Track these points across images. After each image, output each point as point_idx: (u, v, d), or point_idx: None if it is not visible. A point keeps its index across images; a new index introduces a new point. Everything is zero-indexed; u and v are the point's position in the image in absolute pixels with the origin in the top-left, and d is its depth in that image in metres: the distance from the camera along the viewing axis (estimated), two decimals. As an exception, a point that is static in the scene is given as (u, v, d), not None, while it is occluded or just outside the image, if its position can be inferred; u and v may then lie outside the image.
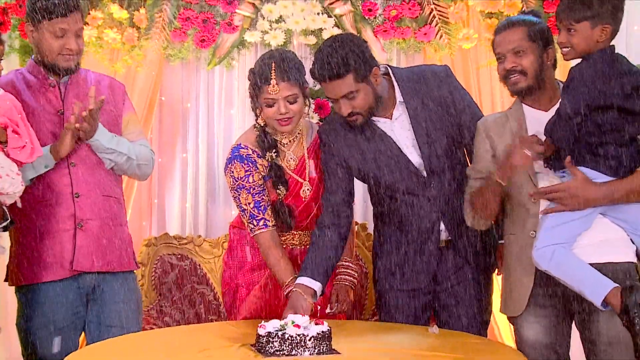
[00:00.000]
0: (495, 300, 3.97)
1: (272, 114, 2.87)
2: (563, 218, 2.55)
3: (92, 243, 2.89)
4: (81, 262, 2.87)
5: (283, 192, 2.93)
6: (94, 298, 2.94)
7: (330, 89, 2.75)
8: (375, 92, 2.79)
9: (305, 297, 2.73)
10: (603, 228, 2.59)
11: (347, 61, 2.70)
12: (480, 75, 4.10)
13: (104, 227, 2.92)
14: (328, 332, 2.38)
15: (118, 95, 3.06)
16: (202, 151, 4.28)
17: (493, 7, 3.99)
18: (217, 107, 4.28)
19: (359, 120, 2.81)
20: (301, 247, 3.02)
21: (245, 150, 2.95)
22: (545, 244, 2.56)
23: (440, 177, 2.88)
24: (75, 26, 2.85)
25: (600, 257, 2.57)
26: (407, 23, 4.06)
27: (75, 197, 2.87)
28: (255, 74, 2.90)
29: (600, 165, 2.52)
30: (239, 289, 3.03)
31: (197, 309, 3.94)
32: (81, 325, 2.95)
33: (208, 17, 4.04)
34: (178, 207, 4.29)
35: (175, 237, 4.04)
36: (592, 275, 2.51)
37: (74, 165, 2.88)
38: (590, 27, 2.50)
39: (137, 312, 3.04)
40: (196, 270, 3.99)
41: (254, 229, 2.93)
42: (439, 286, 2.94)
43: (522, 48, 2.66)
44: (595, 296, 2.47)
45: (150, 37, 4.02)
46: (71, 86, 2.93)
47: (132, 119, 3.10)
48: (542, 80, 2.69)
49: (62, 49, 2.83)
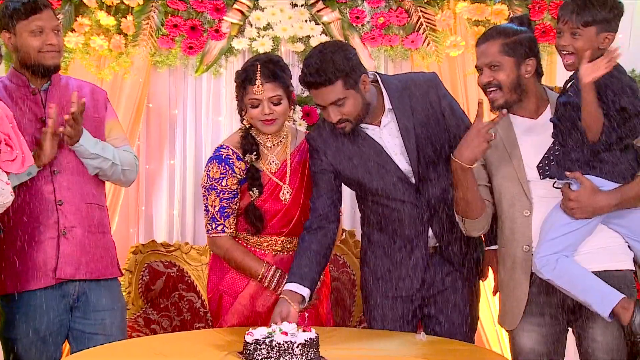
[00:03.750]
0: (483, 308, 4.00)
1: (257, 115, 2.90)
2: (567, 228, 2.54)
3: (75, 251, 2.87)
4: (65, 270, 2.85)
5: (256, 194, 2.93)
6: (77, 306, 2.92)
7: (319, 96, 2.76)
8: (364, 99, 2.79)
9: (291, 304, 2.72)
10: (602, 235, 2.59)
11: (336, 68, 2.70)
12: (468, 82, 4.12)
13: (87, 235, 2.91)
14: (316, 339, 2.37)
15: (100, 102, 3.05)
16: (189, 158, 4.27)
17: (480, 15, 4.01)
18: (205, 114, 4.27)
19: (348, 127, 2.81)
20: (284, 254, 3.01)
21: (226, 150, 2.97)
22: (548, 252, 2.55)
23: (429, 184, 2.88)
24: (51, 22, 2.84)
25: (599, 264, 2.57)
26: (394, 30, 4.08)
27: (59, 204, 2.85)
28: (241, 75, 2.94)
29: (606, 173, 2.52)
30: (224, 296, 3.02)
31: (185, 316, 3.92)
32: (65, 333, 2.93)
33: (196, 24, 4.04)
34: (165, 214, 4.28)
35: (162, 244, 4.02)
36: (598, 286, 2.49)
37: (57, 173, 2.86)
38: (596, 33, 2.48)
39: (121, 320, 3.02)
40: (183, 277, 3.97)
41: (210, 231, 2.97)
42: (427, 292, 2.94)
43: (497, 62, 2.64)
44: (603, 307, 2.45)
45: (138, 44, 4.02)
46: (52, 93, 2.91)
47: (115, 126, 3.08)
48: (523, 91, 2.67)
49: (43, 46, 2.82)
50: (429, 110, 2.87)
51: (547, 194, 2.62)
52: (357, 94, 2.76)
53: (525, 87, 2.67)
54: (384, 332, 2.86)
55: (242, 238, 3.01)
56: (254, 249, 2.99)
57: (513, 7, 4.01)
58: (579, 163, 2.52)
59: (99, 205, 2.98)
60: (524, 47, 2.65)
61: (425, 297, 2.95)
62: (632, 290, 2.60)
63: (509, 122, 2.74)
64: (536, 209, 2.66)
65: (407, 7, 4.08)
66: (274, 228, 2.99)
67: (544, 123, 2.63)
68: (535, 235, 2.65)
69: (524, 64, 2.64)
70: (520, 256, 2.69)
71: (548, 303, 2.67)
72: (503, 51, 2.63)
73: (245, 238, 3.01)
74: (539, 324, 2.70)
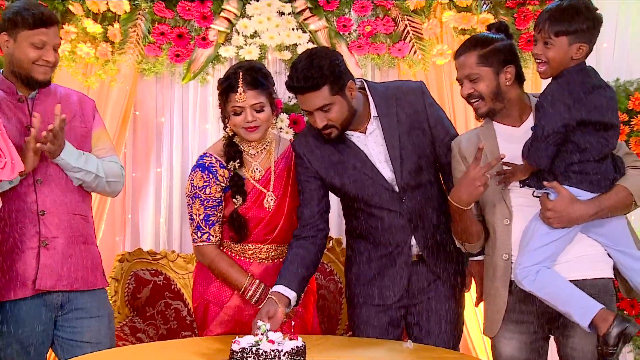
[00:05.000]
0: (468, 316, 4.01)
1: (239, 122, 2.91)
2: (546, 238, 2.55)
3: (56, 262, 2.84)
4: (44, 281, 2.81)
5: (239, 202, 2.93)
6: (62, 314, 2.89)
7: (305, 101, 2.76)
8: (350, 106, 2.80)
9: (278, 304, 2.72)
10: (582, 244, 2.60)
11: (323, 73, 2.71)
12: (454, 90, 4.13)
13: (70, 246, 2.88)
14: (302, 348, 2.37)
15: (88, 111, 3.03)
16: (176, 166, 4.26)
17: (466, 24, 4.03)
18: (192, 121, 4.27)
19: (334, 134, 2.82)
20: (269, 262, 3.00)
21: (209, 159, 2.98)
22: (529, 264, 2.55)
23: (413, 192, 2.88)
24: (54, 39, 2.83)
25: (579, 273, 2.58)
26: (381, 39, 4.09)
27: (41, 214, 2.82)
28: (223, 83, 2.94)
29: (582, 182, 2.53)
30: (209, 305, 3.01)
31: (171, 324, 3.91)
32: (49, 342, 2.90)
33: (183, 32, 4.04)
34: (152, 222, 4.27)
35: (148, 253, 4.01)
36: (578, 297, 2.50)
37: (40, 182, 2.83)
38: (567, 43, 2.51)
39: (108, 327, 2.99)
40: (170, 285, 3.96)
41: (196, 240, 2.97)
42: (410, 301, 2.94)
43: (476, 74, 2.65)
44: (582, 318, 2.46)
45: (125, 52, 4.01)
46: (39, 100, 2.89)
47: (103, 135, 3.06)
48: (506, 99, 2.68)
49: (38, 59, 2.80)
50: (414, 118, 2.88)
51: (528, 203, 2.63)
52: (344, 100, 2.77)
53: (506, 95, 2.68)
54: (370, 340, 2.86)
55: (227, 246, 3.01)
56: (238, 257, 2.99)
57: (499, 16, 4.04)
58: (555, 173, 2.54)
59: (83, 216, 2.95)
60: (501, 55, 2.65)
61: (408, 305, 2.95)
62: (612, 298, 2.62)
63: (492, 131, 2.75)
64: (517, 217, 2.67)
65: (394, 15, 4.09)
66: (259, 236, 2.98)
67: (526, 131, 2.64)
68: (515, 244, 2.66)
69: (502, 72, 2.65)
70: (501, 265, 2.70)
71: (528, 311, 2.68)
72: (480, 62, 2.65)
73: (229, 246, 3.00)
74: (520, 331, 2.71)
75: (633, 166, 2.61)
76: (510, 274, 2.67)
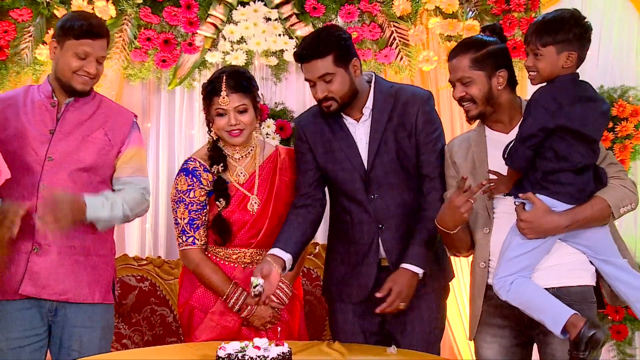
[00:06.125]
0: (453, 319, 4.02)
1: (223, 125, 2.93)
2: (522, 248, 2.54)
3: (44, 270, 2.81)
4: (28, 287, 2.79)
5: (222, 205, 2.94)
6: (55, 320, 2.87)
7: (310, 69, 2.83)
8: (352, 82, 2.86)
9: (273, 265, 2.76)
10: (560, 252, 2.59)
11: (329, 43, 2.80)
12: (440, 97, 4.15)
13: (64, 256, 2.83)
14: (288, 354, 2.37)
15: (122, 126, 2.97)
16: (162, 172, 4.25)
17: (452, 31, 4.05)
18: (178, 127, 4.26)
19: (333, 107, 2.87)
20: (253, 267, 2.97)
21: (193, 163, 2.99)
22: (505, 274, 2.55)
23: (383, 191, 2.91)
24: (99, 52, 2.86)
25: (557, 280, 2.58)
26: (367, 45, 4.10)
27: (38, 220, 2.81)
28: (207, 87, 2.97)
29: (558, 193, 2.51)
30: (194, 311, 3.01)
31: (157, 331, 3.89)
32: (43, 347, 2.88)
33: (169, 38, 4.03)
34: (138, 228, 4.25)
35: (134, 259, 3.99)
36: (551, 304, 2.49)
37: (45, 188, 2.80)
38: (555, 53, 2.51)
39: (100, 339, 2.92)
40: (156, 291, 3.94)
41: (181, 244, 2.97)
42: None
43: (468, 77, 2.67)
44: (554, 325, 2.45)
45: (110, 57, 4.00)
46: (73, 107, 2.91)
47: (137, 154, 3.00)
48: (497, 103, 2.69)
49: (79, 69, 2.83)
50: (404, 123, 2.90)
51: (511, 212, 2.60)
52: (346, 75, 2.84)
53: (497, 99, 2.68)
54: (356, 346, 2.86)
55: (212, 251, 3.01)
56: (222, 261, 2.98)
57: (485, 22, 4.06)
58: (531, 183, 2.53)
59: (85, 227, 2.85)
60: (494, 59, 2.67)
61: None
62: (591, 306, 2.60)
63: (483, 137, 2.76)
64: (498, 226, 2.68)
65: (380, 22, 4.11)
66: (243, 239, 2.98)
67: (514, 137, 2.63)
68: (493, 253, 2.67)
69: (495, 76, 2.66)
70: (478, 272, 2.72)
71: (509, 316, 2.67)
72: (473, 65, 2.66)
73: (214, 251, 3.00)
74: (501, 335, 2.71)
75: (616, 177, 2.60)
76: (486, 282, 2.69)
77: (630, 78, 4.13)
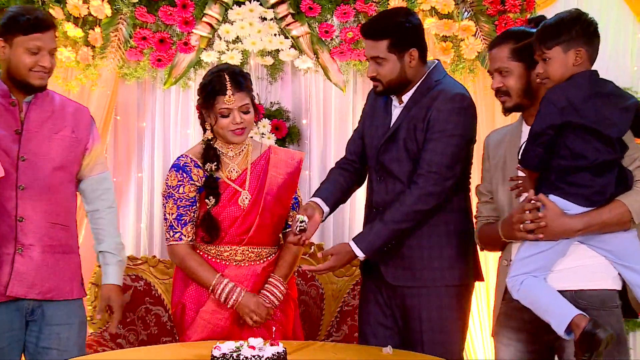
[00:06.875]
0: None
1: (227, 125, 2.93)
2: (535, 248, 2.48)
3: (30, 270, 2.79)
4: (16, 288, 2.77)
5: (212, 202, 2.94)
6: (33, 319, 2.85)
7: (366, 46, 2.89)
8: (403, 71, 2.85)
9: (316, 209, 2.87)
10: (580, 254, 2.49)
11: (387, 28, 2.81)
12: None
13: (46, 255, 2.83)
14: (283, 354, 2.37)
15: (83, 123, 2.96)
16: (157, 171, 4.25)
17: (448, 31, 4.05)
18: (173, 126, 4.26)
19: (378, 88, 2.90)
20: (245, 264, 2.99)
21: (184, 159, 3.00)
22: (517, 273, 2.50)
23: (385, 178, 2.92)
24: (50, 44, 2.80)
25: (575, 283, 2.49)
26: (363, 45, 4.10)
27: (19, 221, 2.78)
28: (207, 86, 2.95)
29: (572, 195, 2.43)
30: (186, 310, 3.00)
31: (151, 330, 3.89)
32: (20, 347, 2.87)
33: (164, 37, 4.03)
34: (133, 227, 4.25)
35: (129, 258, 3.98)
36: (557, 304, 2.42)
37: (23, 189, 2.79)
38: (562, 52, 2.45)
39: (77, 336, 2.93)
40: (150, 291, 3.94)
41: (169, 239, 2.98)
42: (398, 301, 2.92)
43: (506, 68, 2.63)
44: (559, 326, 2.38)
45: (106, 56, 4.00)
46: (35, 105, 2.86)
47: (99, 151, 3.02)
48: (535, 97, 2.61)
49: (35, 65, 2.77)
50: (424, 114, 2.85)
51: None
52: (398, 63, 2.84)
53: (536, 93, 2.61)
54: (351, 346, 2.87)
55: (203, 249, 3.01)
56: (214, 259, 2.98)
57: (480, 23, 4.06)
58: (546, 183, 2.47)
59: (64, 226, 2.90)
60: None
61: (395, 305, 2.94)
62: (611, 311, 2.48)
63: (519, 132, 2.70)
64: None
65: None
66: (234, 236, 2.98)
67: None
68: (515, 251, 2.60)
69: (534, 68, 2.55)
70: (501, 270, 2.69)
71: (527, 319, 2.58)
72: (512, 56, 2.62)
73: (205, 249, 3.00)
74: (518, 339, 2.65)
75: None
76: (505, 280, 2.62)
77: (626, 79, 4.12)
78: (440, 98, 2.84)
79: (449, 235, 2.89)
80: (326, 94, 4.30)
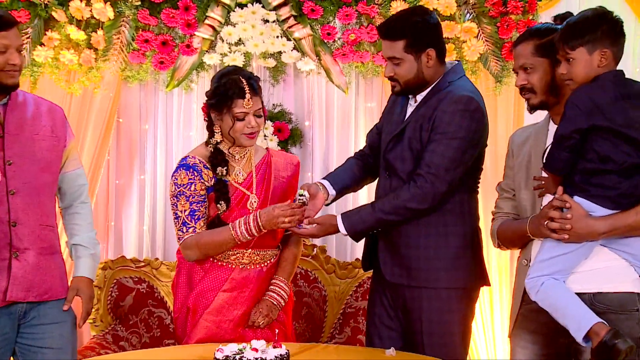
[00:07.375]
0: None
1: (242, 128, 2.91)
2: (558, 250, 2.43)
3: (27, 273, 2.79)
4: (15, 292, 2.76)
5: (223, 208, 2.93)
6: (25, 321, 2.85)
7: (383, 46, 2.87)
8: (420, 71, 2.84)
9: (320, 189, 2.92)
10: (602, 257, 2.44)
11: (403, 29, 2.80)
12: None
13: (40, 257, 2.82)
14: (286, 356, 2.37)
15: (58, 121, 2.95)
16: (159, 173, 4.25)
17: (450, 33, 4.04)
18: (176, 129, 4.27)
19: (396, 88, 2.90)
20: (252, 267, 2.98)
21: (193, 159, 2.96)
22: (537, 274, 2.45)
23: (389, 175, 2.91)
24: (16, 41, 2.77)
25: (593, 285, 2.43)
26: (365, 47, 4.11)
27: (12, 225, 2.78)
28: (225, 89, 2.89)
29: (597, 196, 2.37)
30: (190, 313, 2.98)
31: (154, 332, 3.89)
32: (10, 351, 2.87)
33: (167, 39, 4.03)
34: (135, 230, 4.25)
35: (132, 260, 3.99)
36: (577, 309, 2.37)
37: (14, 194, 2.79)
38: (587, 53, 2.39)
39: (70, 333, 2.92)
40: (153, 293, 3.94)
41: (182, 236, 2.93)
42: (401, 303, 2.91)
43: (530, 64, 2.59)
44: (577, 332, 2.33)
45: (108, 59, 4.01)
46: (10, 108, 2.82)
47: (74, 147, 3.02)
48: (561, 94, 2.57)
49: (5, 65, 2.74)
50: (430, 114, 2.83)
51: None
52: (415, 63, 2.83)
53: (561, 90, 2.57)
54: (354, 348, 2.87)
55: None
56: (220, 262, 2.97)
57: (482, 25, 4.06)
58: (570, 184, 2.42)
59: (51, 227, 2.89)
60: None
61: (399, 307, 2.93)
62: (631, 315, 2.42)
63: (545, 130, 2.67)
64: None
65: (378, 23, 4.11)
66: None
67: None
68: (535, 252, 2.56)
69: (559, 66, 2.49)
70: (521, 270, 2.66)
71: (543, 322, 2.54)
72: (536, 52, 2.58)
73: None
74: (533, 341, 2.62)
75: None
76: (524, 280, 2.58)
77: (627, 80, 4.12)
78: (446, 99, 2.81)
79: (448, 237, 2.86)
80: (328, 96, 4.31)
